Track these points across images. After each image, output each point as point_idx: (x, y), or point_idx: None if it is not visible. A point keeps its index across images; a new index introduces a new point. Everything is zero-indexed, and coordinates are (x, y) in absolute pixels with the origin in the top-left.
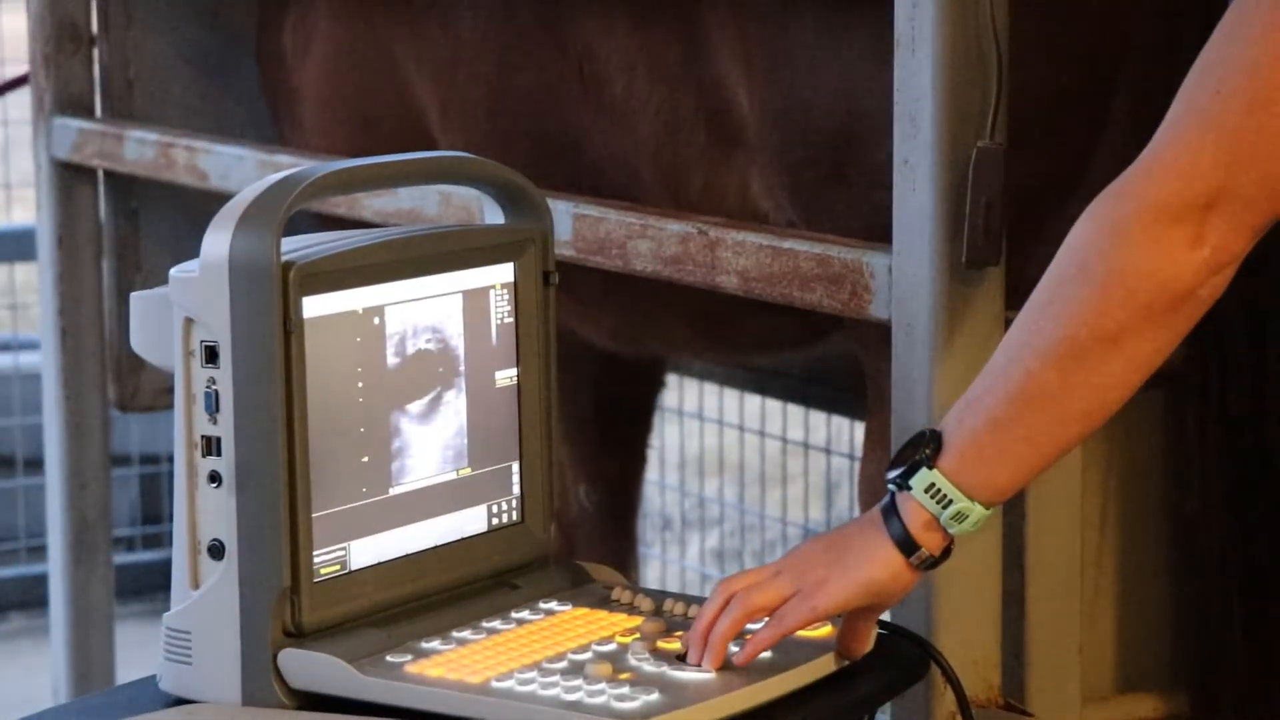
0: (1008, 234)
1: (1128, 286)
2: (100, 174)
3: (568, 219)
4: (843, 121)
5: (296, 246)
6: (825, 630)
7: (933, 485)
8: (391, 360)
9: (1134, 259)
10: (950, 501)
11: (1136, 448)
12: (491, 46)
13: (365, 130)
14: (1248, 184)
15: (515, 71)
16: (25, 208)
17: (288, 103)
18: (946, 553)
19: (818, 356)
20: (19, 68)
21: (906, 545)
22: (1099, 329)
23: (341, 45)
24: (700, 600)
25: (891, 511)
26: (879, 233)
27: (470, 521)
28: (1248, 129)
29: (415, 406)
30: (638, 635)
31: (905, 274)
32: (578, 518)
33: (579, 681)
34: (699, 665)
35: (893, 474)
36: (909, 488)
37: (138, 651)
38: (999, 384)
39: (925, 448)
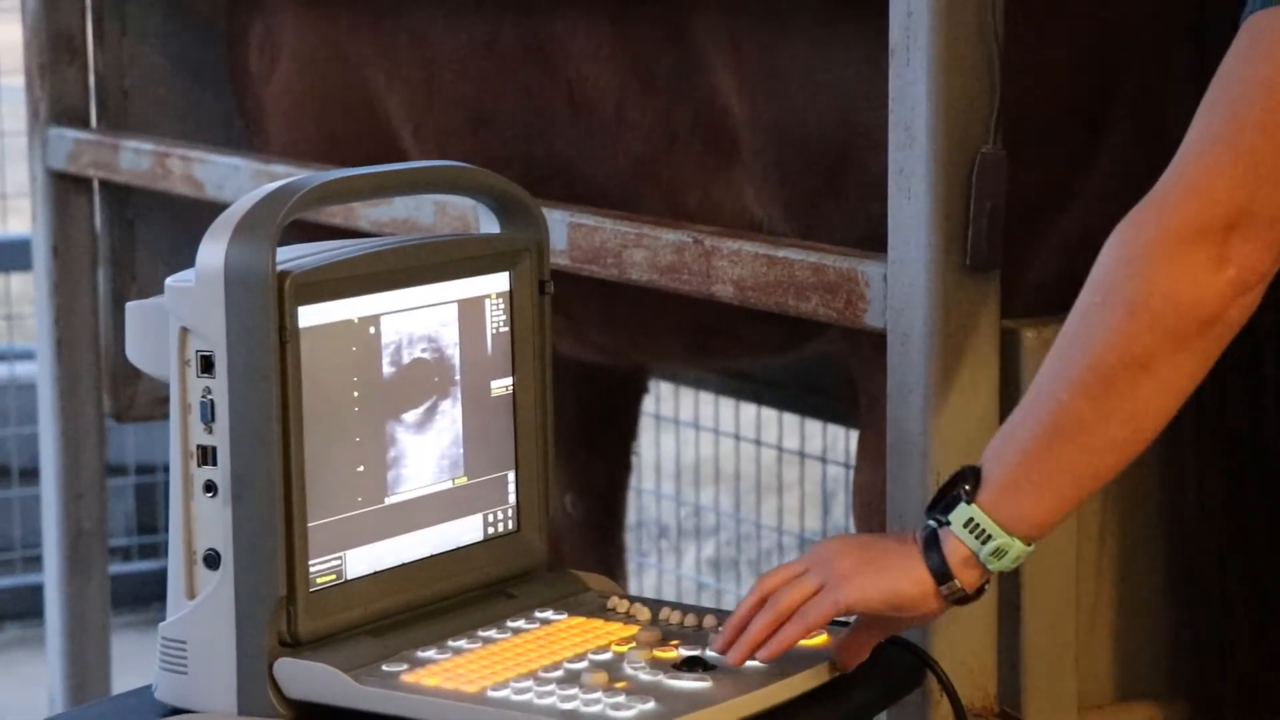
0: (1004, 243)
1: (1153, 311)
2: (96, 184)
3: (563, 228)
4: (838, 133)
5: (292, 256)
6: (820, 639)
7: (971, 520)
8: (387, 369)
9: (1158, 284)
10: (989, 537)
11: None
12: (471, 70)
13: (333, 148)
14: (1269, 203)
15: (499, 95)
16: (21, 218)
17: (256, 119)
18: (980, 591)
19: (804, 362)
20: (14, 79)
21: (942, 575)
22: (1127, 355)
23: (308, 62)
24: (697, 609)
25: (933, 545)
26: (876, 246)
27: (466, 531)
28: (1265, 149)
29: (411, 416)
30: (634, 644)
31: (901, 282)
32: (564, 527)
33: (575, 690)
34: (723, 655)
35: (932, 509)
36: (948, 523)
37: (133, 661)
38: (1032, 416)
39: (965, 484)
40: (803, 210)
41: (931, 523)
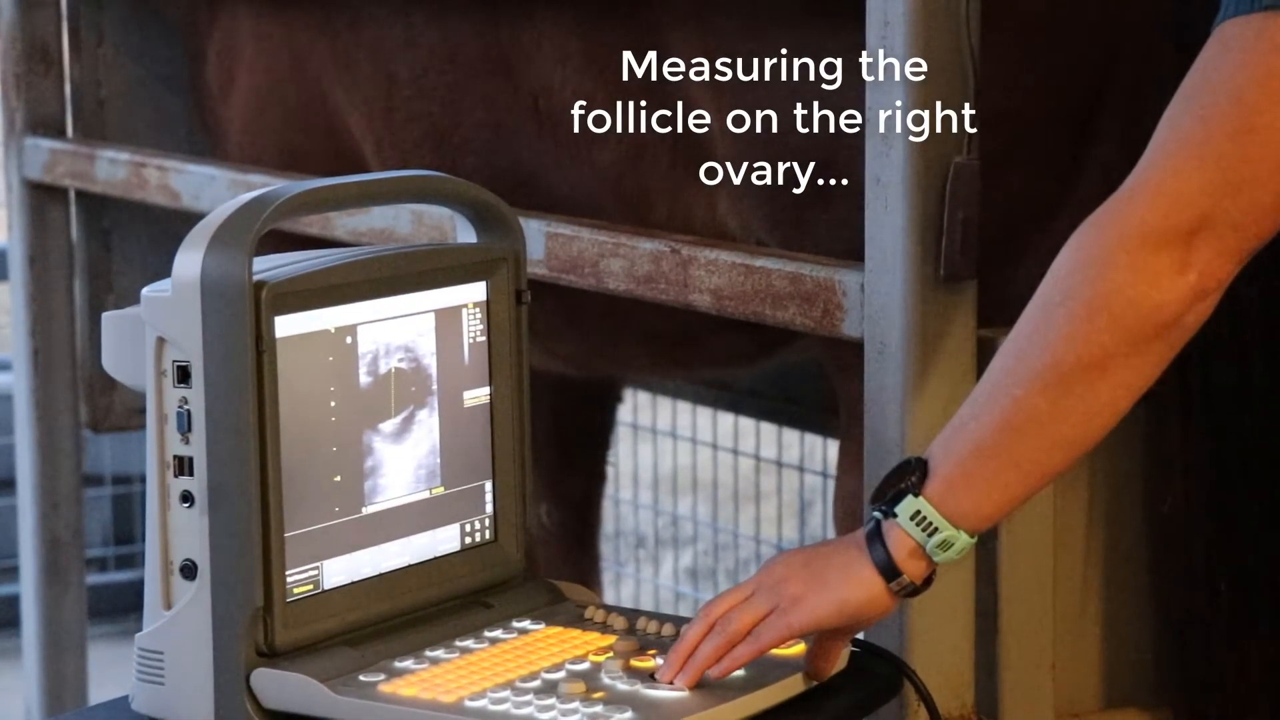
0: (990, 253)
1: (1113, 313)
2: (72, 194)
3: (540, 238)
4: (817, 142)
5: (269, 266)
6: (798, 648)
7: (918, 513)
8: (364, 379)
9: (1119, 285)
10: (936, 530)
11: (1118, 461)
12: (435, 85)
13: (292, 162)
14: (1233, 210)
15: (463, 111)
16: None
17: (216, 133)
18: (928, 582)
19: (781, 372)
20: None
21: (889, 571)
22: (1085, 356)
23: (265, 76)
24: (674, 619)
25: (876, 538)
26: (858, 256)
27: (443, 540)
28: (1232, 155)
29: (388, 425)
30: (611, 654)
31: (878, 292)
32: (540, 537)
33: (552, 701)
34: (671, 684)
35: (878, 501)
36: (894, 515)
37: (110, 671)
38: (985, 411)
39: (911, 475)
40: (782, 220)
41: (877, 514)
